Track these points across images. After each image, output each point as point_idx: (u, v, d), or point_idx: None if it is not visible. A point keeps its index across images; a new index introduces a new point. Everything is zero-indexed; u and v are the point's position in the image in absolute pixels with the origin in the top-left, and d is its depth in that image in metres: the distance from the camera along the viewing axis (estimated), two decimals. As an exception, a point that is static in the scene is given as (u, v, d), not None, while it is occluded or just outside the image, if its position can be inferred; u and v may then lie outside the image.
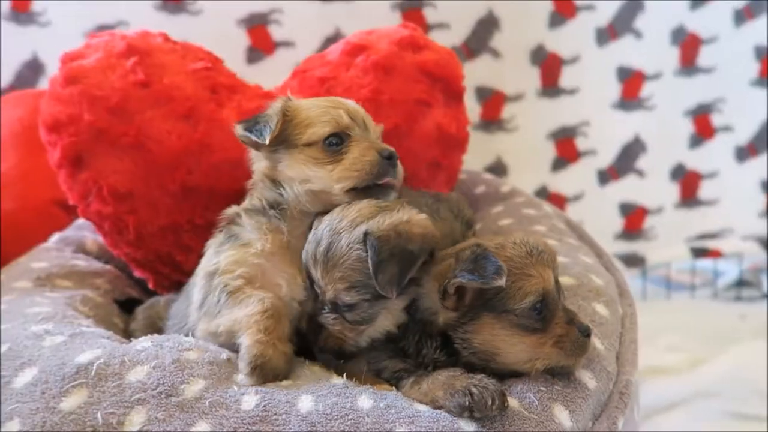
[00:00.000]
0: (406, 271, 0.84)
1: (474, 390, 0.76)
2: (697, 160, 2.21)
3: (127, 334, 1.09)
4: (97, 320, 1.08)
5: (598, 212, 2.18)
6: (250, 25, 1.92)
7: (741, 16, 2.10)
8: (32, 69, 1.87)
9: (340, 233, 0.89)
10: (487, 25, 1.99)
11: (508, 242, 0.87)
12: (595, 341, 0.95)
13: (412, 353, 0.89)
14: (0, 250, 1.39)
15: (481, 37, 1.99)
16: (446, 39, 1.96)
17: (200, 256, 1.03)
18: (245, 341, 0.85)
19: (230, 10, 1.90)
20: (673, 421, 1.46)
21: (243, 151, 1.07)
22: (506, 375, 0.87)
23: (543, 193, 2.15)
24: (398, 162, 0.99)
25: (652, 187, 2.20)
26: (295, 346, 0.91)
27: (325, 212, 0.96)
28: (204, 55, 1.33)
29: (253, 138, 0.98)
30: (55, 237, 1.36)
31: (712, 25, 2.10)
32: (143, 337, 0.91)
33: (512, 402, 0.81)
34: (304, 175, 0.98)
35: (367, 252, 0.84)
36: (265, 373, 0.84)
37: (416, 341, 0.89)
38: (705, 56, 2.12)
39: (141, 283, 1.30)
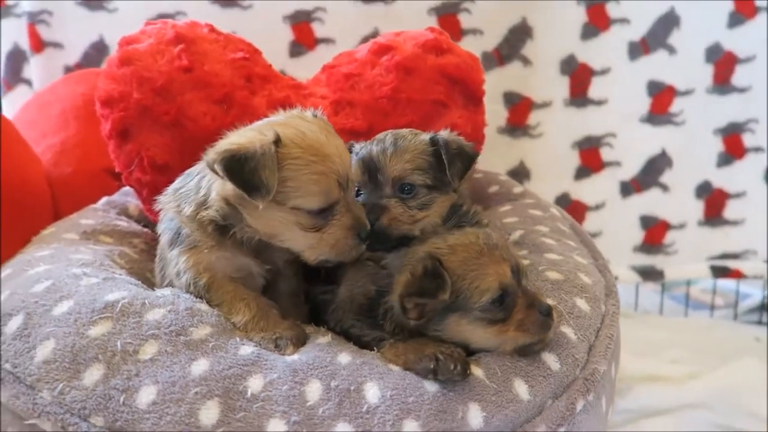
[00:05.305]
0: (467, 168, 1.09)
1: (440, 356, 0.86)
2: (724, 178, 2.18)
3: None
4: (131, 273, 1.21)
5: (618, 223, 2.20)
6: (295, 22, 2.05)
7: (780, 37, 2.08)
8: (98, 50, 2.06)
9: (405, 136, 1.10)
10: (520, 33, 2.04)
11: (459, 245, 0.94)
12: (568, 331, 1.03)
13: (389, 332, 0.98)
14: (58, 209, 1.57)
15: (513, 44, 2.05)
16: (479, 44, 2.03)
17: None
18: (256, 340, 0.95)
19: (277, 7, 2.03)
20: (660, 427, 1.49)
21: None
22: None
23: (565, 200, 2.18)
24: None
25: (675, 202, 2.19)
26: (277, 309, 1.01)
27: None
28: (244, 46, 1.46)
29: (240, 191, 0.90)
30: (104, 200, 1.52)
31: (750, 45, 2.08)
32: (166, 288, 1.05)
33: (477, 371, 0.90)
34: (277, 232, 0.97)
35: (433, 147, 1.08)
36: (284, 344, 0.94)
37: (393, 327, 0.98)
38: (740, 75, 2.10)
39: (173, 247, 1.45)
